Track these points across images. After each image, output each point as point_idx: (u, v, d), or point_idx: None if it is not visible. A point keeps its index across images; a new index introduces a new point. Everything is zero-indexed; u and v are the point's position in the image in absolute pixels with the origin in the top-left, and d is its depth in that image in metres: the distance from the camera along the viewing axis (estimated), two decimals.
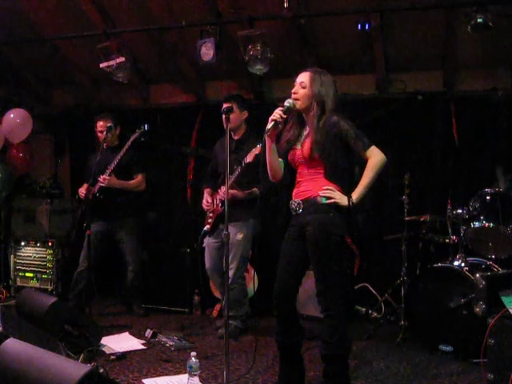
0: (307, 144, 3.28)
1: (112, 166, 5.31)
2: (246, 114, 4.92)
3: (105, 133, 5.35)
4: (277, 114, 3.22)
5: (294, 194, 3.39)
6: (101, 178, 5.27)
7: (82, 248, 5.33)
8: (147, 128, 5.42)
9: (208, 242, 5.01)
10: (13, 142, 6.43)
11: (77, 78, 6.77)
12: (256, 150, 4.35)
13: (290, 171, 3.46)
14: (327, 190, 3.20)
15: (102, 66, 5.62)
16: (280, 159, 3.44)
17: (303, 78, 3.32)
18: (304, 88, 3.30)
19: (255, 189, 4.76)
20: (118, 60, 5.54)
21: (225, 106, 4.77)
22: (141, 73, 6.61)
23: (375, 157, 3.21)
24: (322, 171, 3.27)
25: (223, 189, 4.50)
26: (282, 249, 3.42)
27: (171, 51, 6.08)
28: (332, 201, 3.18)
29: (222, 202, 4.79)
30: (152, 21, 5.64)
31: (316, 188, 3.25)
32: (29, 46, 6.23)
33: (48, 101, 7.29)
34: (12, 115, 6.28)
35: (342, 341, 3.17)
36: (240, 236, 4.79)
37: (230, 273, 4.89)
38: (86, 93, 6.98)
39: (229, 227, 4.80)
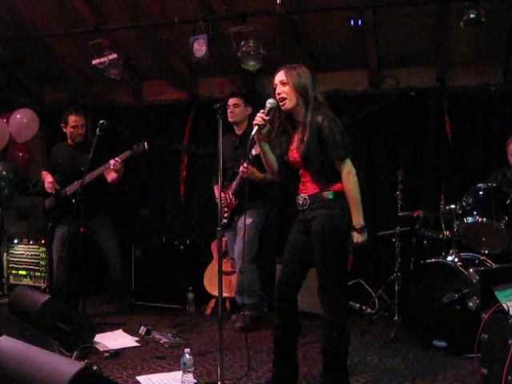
0: (295, 146, 3.27)
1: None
2: (249, 110, 5.02)
3: (79, 131, 5.21)
4: (258, 117, 3.17)
5: (299, 189, 3.37)
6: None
7: (75, 246, 5.05)
8: (147, 147, 4.95)
9: (228, 235, 5.26)
10: (19, 141, 6.38)
11: (69, 75, 6.74)
12: None
13: (291, 167, 3.41)
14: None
15: (94, 62, 5.61)
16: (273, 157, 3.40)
17: (281, 76, 3.25)
18: (286, 85, 3.23)
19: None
20: (110, 57, 5.54)
21: (231, 101, 4.97)
22: (133, 70, 6.59)
23: (348, 179, 3.16)
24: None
25: (244, 164, 4.59)
26: (287, 243, 3.41)
27: (164, 48, 6.07)
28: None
29: (235, 195, 4.99)
30: (144, 17, 5.63)
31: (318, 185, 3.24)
32: (20, 43, 6.20)
33: (40, 98, 7.26)
34: (19, 115, 6.24)
35: (343, 336, 3.19)
36: (249, 220, 4.98)
37: (238, 254, 5.02)
38: (78, 90, 6.95)
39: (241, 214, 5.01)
